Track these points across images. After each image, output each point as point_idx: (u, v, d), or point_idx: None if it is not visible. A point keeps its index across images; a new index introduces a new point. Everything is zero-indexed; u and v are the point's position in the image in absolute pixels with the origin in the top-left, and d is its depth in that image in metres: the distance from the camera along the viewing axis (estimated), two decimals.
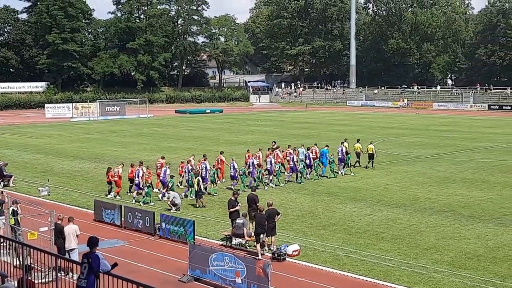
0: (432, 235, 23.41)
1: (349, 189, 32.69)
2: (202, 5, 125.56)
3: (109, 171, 31.52)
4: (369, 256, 20.94)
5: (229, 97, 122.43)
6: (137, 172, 30.10)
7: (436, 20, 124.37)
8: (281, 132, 62.81)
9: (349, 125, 70.72)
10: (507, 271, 19.30)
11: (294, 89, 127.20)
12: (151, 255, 21.59)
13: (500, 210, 27.35)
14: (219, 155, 35.19)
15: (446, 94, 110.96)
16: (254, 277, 17.45)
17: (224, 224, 24.95)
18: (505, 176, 36.33)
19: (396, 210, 27.63)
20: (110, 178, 31.33)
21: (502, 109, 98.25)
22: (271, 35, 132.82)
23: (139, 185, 29.86)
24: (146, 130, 66.86)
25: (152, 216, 24.15)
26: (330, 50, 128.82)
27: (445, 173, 37.39)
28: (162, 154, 36.59)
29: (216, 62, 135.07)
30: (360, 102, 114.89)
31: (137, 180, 29.92)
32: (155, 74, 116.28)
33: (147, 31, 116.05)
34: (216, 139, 57.51)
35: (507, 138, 56.92)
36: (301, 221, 25.74)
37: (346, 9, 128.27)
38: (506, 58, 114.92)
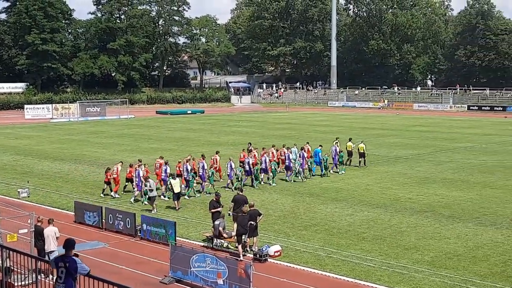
0: (413, 235, 23.54)
1: (331, 189, 32.78)
2: (183, 6, 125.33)
3: (108, 171, 31.46)
4: (350, 256, 21.01)
5: (210, 98, 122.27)
6: (137, 172, 30.23)
7: (416, 22, 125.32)
8: (263, 133, 62.83)
9: (330, 126, 70.92)
10: (486, 271, 19.46)
11: (275, 89, 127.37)
12: (132, 256, 21.47)
13: (480, 210, 27.57)
14: (215, 154, 35.22)
15: (426, 95, 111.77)
16: (235, 278, 17.42)
17: (205, 225, 24.89)
18: (484, 176, 36.64)
19: (377, 210, 27.75)
20: (109, 178, 31.38)
21: (481, 109, 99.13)
22: (252, 35, 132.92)
23: (140, 184, 29.84)
24: (127, 131, 66.54)
25: (133, 217, 24.02)
26: (311, 51, 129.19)
27: (426, 174, 37.63)
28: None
29: (197, 63, 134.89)
30: (341, 103, 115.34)
31: (138, 180, 30.03)
32: (136, 75, 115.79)
33: (128, 31, 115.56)
34: (198, 140, 57.38)
35: (486, 138, 57.43)
36: (283, 222, 25.76)
37: (327, 10, 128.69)
38: (485, 59, 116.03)
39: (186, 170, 30.97)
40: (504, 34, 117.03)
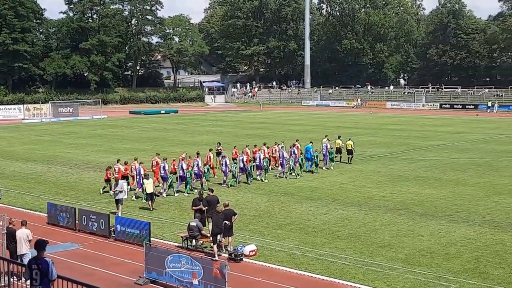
0: (387, 233, 23.70)
1: (305, 188, 32.87)
2: (156, 5, 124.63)
3: (109, 169, 31.85)
4: (325, 255, 21.08)
5: (184, 98, 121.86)
6: (138, 170, 30.85)
7: (389, 21, 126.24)
8: (237, 132, 62.81)
9: (304, 125, 71.13)
10: (459, 267, 19.67)
11: (249, 89, 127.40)
12: (106, 258, 21.31)
13: (453, 207, 27.85)
14: (208, 152, 35.98)
15: (399, 94, 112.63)
16: (211, 278, 17.38)
17: (180, 226, 24.80)
18: (457, 174, 37.03)
19: (351, 208, 27.90)
20: (109, 176, 31.71)
21: (453, 108, 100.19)
22: (225, 35, 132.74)
23: (140, 182, 30.26)
24: (100, 131, 66.05)
25: (106, 218, 23.85)
26: (285, 50, 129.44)
27: (399, 172, 37.92)
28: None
29: (171, 62, 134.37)
30: (315, 102, 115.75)
31: (138, 177, 30.60)
32: (109, 75, 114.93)
33: (100, 31, 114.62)
34: (171, 140, 57.17)
35: (458, 136, 58.06)
36: (258, 221, 25.76)
37: (300, 9, 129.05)
38: (456, 58, 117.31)
39: (182, 168, 31.56)
40: (475, 33, 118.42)
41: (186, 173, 31.61)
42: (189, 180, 31.72)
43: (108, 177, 31.76)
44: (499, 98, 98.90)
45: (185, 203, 28.84)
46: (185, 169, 31.62)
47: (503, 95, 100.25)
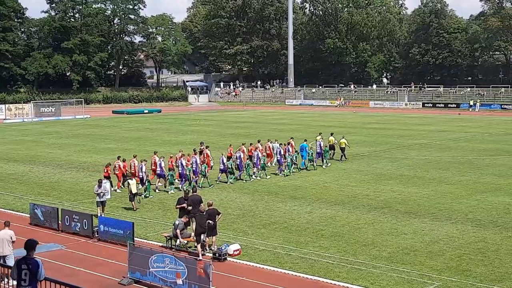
0: (370, 231, 23.79)
1: (289, 187, 32.91)
2: (139, 4, 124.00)
3: (108, 166, 32.49)
4: (309, 254, 21.12)
5: (167, 97, 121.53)
6: (140, 166, 31.53)
7: (371, 20, 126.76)
8: (220, 132, 62.76)
9: (288, 124, 71.22)
10: (442, 265, 19.79)
11: (232, 88, 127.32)
12: (89, 258, 21.20)
13: (436, 206, 28.02)
14: (205, 149, 36.44)
15: (382, 93, 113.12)
16: (195, 277, 17.34)
17: (164, 225, 24.74)
18: (439, 172, 37.26)
19: (335, 207, 27.97)
20: (109, 173, 32.20)
21: (435, 106, 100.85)
22: (209, 34, 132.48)
23: (143, 179, 31.03)
24: (83, 131, 65.68)
25: (90, 218, 23.73)
26: (268, 49, 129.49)
27: (382, 170, 38.09)
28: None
29: (154, 62, 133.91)
30: (299, 101, 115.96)
31: (141, 174, 31.23)
32: (91, 74, 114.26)
33: (83, 30, 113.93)
34: (155, 139, 56.99)
35: (441, 135, 58.43)
36: (242, 221, 25.76)
37: (283, 8, 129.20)
38: (439, 57, 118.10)
39: (182, 165, 32.18)
40: (457, 33, 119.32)
41: (186, 170, 32.21)
42: (188, 177, 32.33)
43: (108, 173, 32.21)
44: (481, 97, 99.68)
45: (169, 202, 28.78)
46: (185, 166, 32.22)
47: (485, 94, 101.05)
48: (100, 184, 26.08)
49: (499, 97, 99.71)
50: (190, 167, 32.57)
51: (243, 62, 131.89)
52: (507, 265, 19.71)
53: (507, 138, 55.64)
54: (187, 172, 32.23)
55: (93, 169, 39.37)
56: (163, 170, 32.29)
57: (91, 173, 38.16)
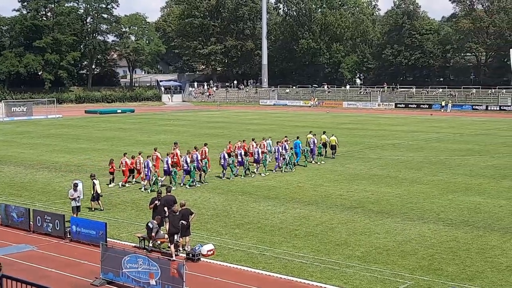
0: (344, 231, 23.91)
1: (263, 187, 32.95)
2: (112, 3, 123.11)
3: (112, 162, 33.57)
4: (283, 254, 21.16)
5: (140, 97, 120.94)
6: (146, 162, 32.28)
7: (345, 21, 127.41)
8: (194, 132, 62.59)
9: (262, 124, 71.28)
10: (414, 264, 19.97)
11: (206, 88, 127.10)
12: (62, 259, 21.00)
13: (408, 205, 28.27)
14: (203, 146, 37.43)
15: (355, 93, 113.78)
16: (168, 278, 17.28)
17: (137, 226, 24.61)
18: (412, 172, 37.59)
19: (308, 207, 28.07)
20: (114, 169, 33.35)
21: (408, 107, 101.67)
22: (182, 34, 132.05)
23: (148, 174, 31.98)
24: (55, 131, 65.03)
25: (62, 219, 23.50)
26: (242, 49, 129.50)
27: (355, 170, 38.32)
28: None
29: (127, 61, 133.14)
30: (273, 101, 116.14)
31: (147, 170, 32.07)
32: (64, 74, 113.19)
33: (55, 29, 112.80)
34: (128, 139, 56.65)
35: (413, 135, 58.95)
36: (215, 221, 25.72)
37: (257, 9, 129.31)
38: (411, 58, 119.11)
39: (186, 161, 33.23)
40: (429, 34, 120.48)
41: (190, 166, 33.16)
42: (192, 173, 33.27)
43: (114, 169, 33.34)
44: (452, 98, 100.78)
45: (142, 203, 28.65)
46: (189, 163, 33.24)
47: (456, 94, 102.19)
48: (76, 188, 25.50)
49: (470, 98, 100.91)
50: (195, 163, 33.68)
51: (217, 62, 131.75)
52: (478, 264, 19.96)
53: (478, 138, 56.34)
54: (191, 168, 33.19)
55: (66, 169, 39.02)
56: (169, 167, 33.13)
57: (64, 173, 37.81)
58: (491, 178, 35.33)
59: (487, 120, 77.63)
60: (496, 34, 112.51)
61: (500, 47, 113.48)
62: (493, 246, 21.80)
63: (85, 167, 39.98)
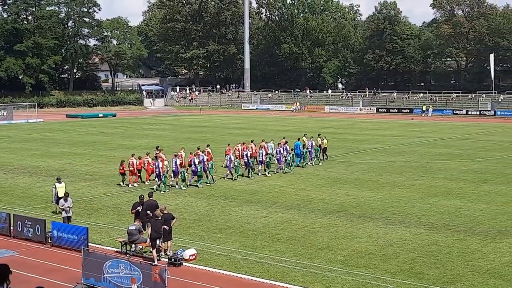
0: (326, 235, 23.98)
1: (245, 191, 32.96)
2: (94, 7, 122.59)
3: (123, 163, 34.50)
4: (265, 258, 21.18)
5: (122, 101, 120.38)
6: (157, 163, 33.25)
7: (327, 26, 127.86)
8: (177, 136, 62.46)
9: (244, 129, 71.30)
10: (396, 268, 20.08)
11: (189, 92, 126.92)
12: (43, 264, 20.86)
13: (389, 209, 28.42)
14: (206, 147, 38.70)
15: (337, 98, 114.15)
16: (150, 283, 17.24)
17: (119, 231, 24.50)
18: (393, 176, 37.80)
19: (291, 211, 28.11)
20: (124, 169, 34.31)
21: (389, 111, 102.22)
22: (165, 38, 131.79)
23: (159, 175, 33.03)
24: (36, 135, 64.57)
25: (43, 224, 23.34)
26: (224, 54, 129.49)
27: (337, 174, 38.45)
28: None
29: (109, 65, 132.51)
30: (255, 106, 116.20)
31: (158, 170, 33.06)
32: (45, 78, 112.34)
33: (36, 33, 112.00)
34: (110, 143, 56.40)
35: (394, 139, 59.27)
36: (198, 225, 25.68)
37: (239, 13, 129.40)
38: (392, 63, 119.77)
39: (194, 163, 34.32)
40: (410, 39, 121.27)
41: (198, 167, 34.18)
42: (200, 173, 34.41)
43: (124, 170, 34.28)
44: (433, 102, 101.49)
45: (124, 207, 28.54)
46: (197, 164, 34.25)
47: (437, 99, 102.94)
48: (66, 198, 24.75)
49: (450, 102, 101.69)
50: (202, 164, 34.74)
51: (199, 66, 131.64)
52: (458, 267, 20.12)
53: (458, 142, 56.79)
54: (199, 169, 34.22)
55: (46, 174, 38.75)
56: (178, 168, 34.00)
57: (44, 177, 37.55)
58: (472, 182, 35.62)
59: (467, 125, 78.26)
60: (476, 39, 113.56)
61: (480, 53, 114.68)
62: (473, 250, 21.98)
63: (67, 171, 39.76)
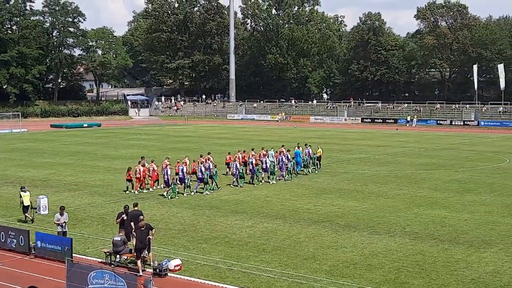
0: (311, 245, 23.98)
1: (231, 201, 32.91)
2: (79, 17, 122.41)
3: (129, 170, 35.45)
4: (250, 268, 21.14)
5: (107, 111, 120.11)
6: (165, 170, 34.24)
7: (312, 37, 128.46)
8: (162, 146, 62.32)
9: (229, 139, 71.29)
10: (381, 278, 20.11)
11: (174, 102, 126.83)
12: (26, 275, 20.66)
13: (374, 219, 28.48)
14: (207, 155, 39.69)
15: (322, 108, 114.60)
16: None
17: (103, 241, 24.36)
18: (378, 186, 37.91)
19: (276, 221, 28.10)
20: (131, 176, 35.26)
21: (374, 122, 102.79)
22: (150, 48, 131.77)
23: (168, 181, 34.07)
24: (20, 145, 64.16)
25: (26, 234, 23.15)
26: (209, 64, 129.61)
27: (323, 184, 38.50)
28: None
29: (94, 75, 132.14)
30: (240, 116, 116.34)
31: (166, 177, 34.16)
32: (29, 87, 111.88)
33: (20, 42, 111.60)
34: (94, 153, 56.14)
35: (379, 150, 59.50)
36: (183, 235, 25.59)
37: (224, 24, 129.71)
38: (377, 74, 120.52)
39: (201, 170, 35.39)
40: (394, 50, 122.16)
41: (204, 174, 35.18)
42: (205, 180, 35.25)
43: (130, 177, 35.25)
44: (418, 113, 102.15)
45: (108, 217, 28.40)
46: (203, 171, 35.31)
47: (421, 110, 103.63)
48: (62, 212, 23.79)
49: (434, 113, 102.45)
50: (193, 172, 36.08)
51: (184, 76, 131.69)
52: (443, 277, 20.19)
53: (442, 153, 57.12)
54: (205, 176, 35.15)
55: (30, 184, 38.42)
56: (184, 175, 34.77)
57: (28, 188, 37.19)
58: (456, 192, 35.82)
59: (451, 135, 78.78)
60: (460, 50, 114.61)
61: (464, 63, 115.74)
62: (458, 259, 22.08)
63: (51, 181, 39.52)
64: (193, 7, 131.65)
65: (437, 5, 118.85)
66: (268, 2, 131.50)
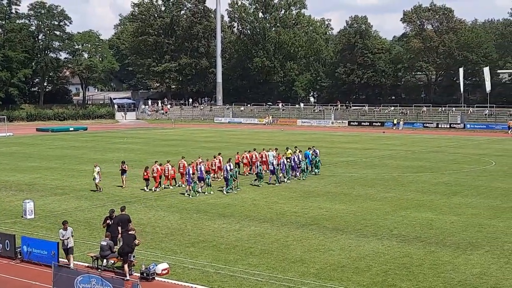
0: (299, 248, 23.98)
1: (218, 205, 32.85)
2: (65, 21, 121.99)
3: (147, 169, 36.88)
4: (238, 272, 21.10)
5: (93, 115, 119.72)
6: (187, 170, 35.46)
7: (299, 40, 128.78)
8: (148, 150, 62.15)
9: (217, 142, 71.21)
10: (369, 280, 20.13)
11: (161, 106, 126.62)
12: (12, 280, 20.51)
13: (362, 222, 28.53)
14: (218, 155, 41.53)
15: (309, 111, 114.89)
16: None
17: (90, 245, 24.22)
18: (365, 189, 38.00)
19: (263, 224, 28.08)
20: (148, 175, 36.68)
21: (361, 125, 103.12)
22: (136, 51, 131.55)
23: (189, 180, 35.22)
24: (5, 150, 63.73)
25: (12, 239, 22.98)
26: (196, 67, 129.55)
27: (310, 188, 38.53)
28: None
29: (80, 79, 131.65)
30: (227, 119, 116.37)
31: (187, 176, 35.24)
32: (15, 91, 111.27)
33: (5, 46, 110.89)
34: (80, 157, 55.89)
35: (366, 152, 59.65)
36: (170, 239, 25.51)
37: (211, 27, 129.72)
38: (363, 77, 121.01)
39: (226, 170, 36.53)
40: (381, 53, 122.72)
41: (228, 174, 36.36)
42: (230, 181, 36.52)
43: (148, 176, 36.67)
44: (404, 116, 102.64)
45: (95, 222, 28.25)
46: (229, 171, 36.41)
47: (408, 112, 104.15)
48: (66, 227, 21.72)
49: (421, 116, 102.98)
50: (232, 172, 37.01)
51: (171, 79, 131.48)
52: (430, 279, 20.25)
53: (429, 155, 57.38)
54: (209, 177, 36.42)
55: (16, 189, 38.23)
56: (202, 173, 35.98)
57: (14, 192, 37.03)
58: (443, 194, 35.97)
59: (437, 138, 79.19)
60: (446, 53, 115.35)
61: (450, 66, 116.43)
62: (445, 262, 22.16)
63: (37, 186, 39.29)
64: (179, 11, 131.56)
65: (423, 9, 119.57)
66: (254, 6, 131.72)
